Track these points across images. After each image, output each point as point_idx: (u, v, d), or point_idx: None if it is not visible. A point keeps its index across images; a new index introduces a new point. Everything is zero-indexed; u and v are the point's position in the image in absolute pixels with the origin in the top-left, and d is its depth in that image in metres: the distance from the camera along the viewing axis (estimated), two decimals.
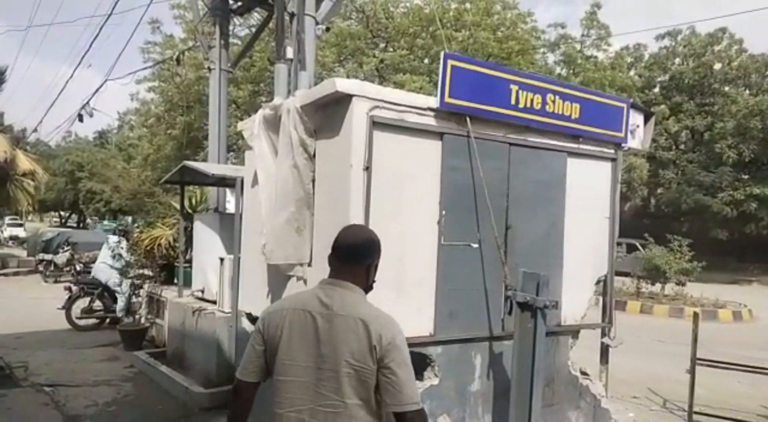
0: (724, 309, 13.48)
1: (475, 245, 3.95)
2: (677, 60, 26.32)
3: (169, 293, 7.52)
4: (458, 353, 3.97)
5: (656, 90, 26.08)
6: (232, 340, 5.47)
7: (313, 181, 3.91)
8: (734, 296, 15.46)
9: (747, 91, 24.23)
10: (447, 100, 3.76)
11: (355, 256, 2.04)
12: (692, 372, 5.74)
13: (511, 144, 4.17)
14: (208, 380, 5.75)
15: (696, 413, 5.71)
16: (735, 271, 22.62)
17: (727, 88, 24.68)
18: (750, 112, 21.96)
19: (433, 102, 3.79)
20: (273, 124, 4.24)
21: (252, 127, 4.47)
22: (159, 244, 8.03)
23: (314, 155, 3.91)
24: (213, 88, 8.67)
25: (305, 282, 3.94)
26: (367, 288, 2.07)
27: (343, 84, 3.48)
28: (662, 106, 23.22)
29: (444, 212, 3.84)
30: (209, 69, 8.68)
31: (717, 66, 24.42)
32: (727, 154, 21.91)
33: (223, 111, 8.55)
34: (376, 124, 3.54)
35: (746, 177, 22.94)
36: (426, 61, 18.32)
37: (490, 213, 3.88)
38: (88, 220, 42.80)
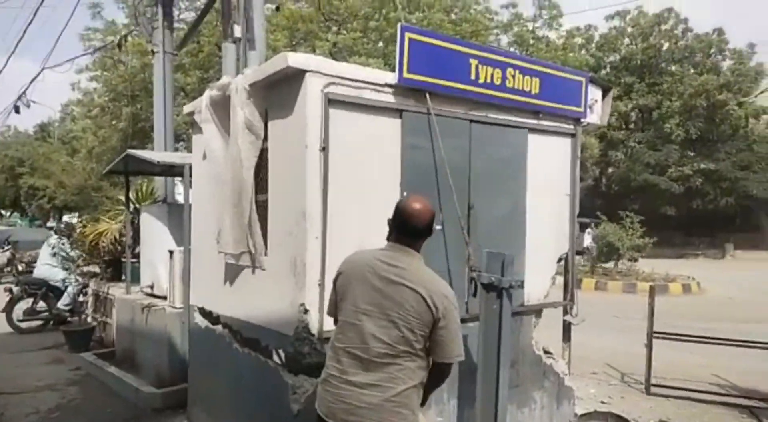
0: (674, 283, 13.94)
1: (438, 226, 3.81)
2: (626, 40, 26.90)
3: (116, 290, 7.14)
4: None
5: (606, 70, 26.59)
6: (184, 336, 5.20)
7: (267, 164, 3.68)
8: (683, 270, 16.03)
9: (692, 70, 25.00)
10: (406, 75, 3.58)
11: (424, 233, 2.42)
12: (649, 345, 5.84)
13: (471, 121, 4.04)
14: (161, 379, 5.47)
15: (653, 385, 5.82)
16: (682, 246, 23.54)
17: (673, 68, 25.41)
18: (696, 91, 22.71)
19: (391, 78, 3.60)
20: (221, 105, 3.98)
21: (199, 109, 4.19)
22: (104, 240, 7.60)
23: (266, 137, 3.67)
24: (157, 72, 8.21)
25: (263, 270, 3.72)
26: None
27: (295, 58, 3.25)
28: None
29: (405, 193, 3.68)
30: (152, 52, 8.22)
31: (665, 46, 25.10)
32: (675, 132, 22.61)
33: (168, 96, 8.12)
34: (332, 102, 3.33)
35: (692, 154, 23.76)
36: (380, 44, 18.11)
37: (452, 193, 3.75)
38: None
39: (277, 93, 3.57)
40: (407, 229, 2.39)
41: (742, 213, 24.16)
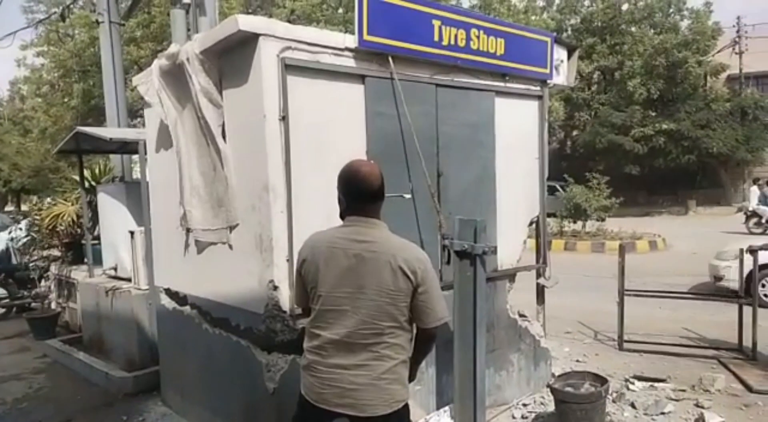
0: (641, 241, 14.24)
1: (408, 195, 3.73)
2: (586, 2, 26.85)
3: (78, 274, 6.89)
4: None
5: (568, 32, 26.56)
6: (152, 318, 5.04)
7: (224, 135, 3.50)
8: (648, 228, 16.41)
9: (652, 31, 25.17)
10: (366, 37, 3.42)
11: (380, 195, 2.25)
12: (621, 302, 5.93)
13: (437, 85, 3.92)
14: (131, 363, 5.32)
15: (626, 341, 5.94)
16: (647, 205, 24.08)
17: (634, 29, 25.53)
18: (655, 51, 22.91)
19: (351, 41, 3.44)
20: (172, 75, 3.76)
21: (149, 81, 3.95)
22: (62, 222, 7.30)
23: (222, 106, 3.48)
24: (104, 44, 7.75)
25: (230, 247, 3.58)
26: None
27: (246, 22, 3.05)
28: None
29: (372, 162, 3.55)
30: (97, 22, 7.75)
31: (625, 6, 25.14)
32: (638, 91, 22.86)
33: (118, 69, 7.70)
34: (289, 68, 3.16)
35: (654, 114, 24.11)
36: (340, 10, 17.62)
37: (421, 161, 3.64)
38: None
39: (230, 60, 3.38)
40: (363, 195, 2.21)
41: (703, 170, 24.79)
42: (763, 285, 8.16)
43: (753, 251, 5.43)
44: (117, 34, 7.85)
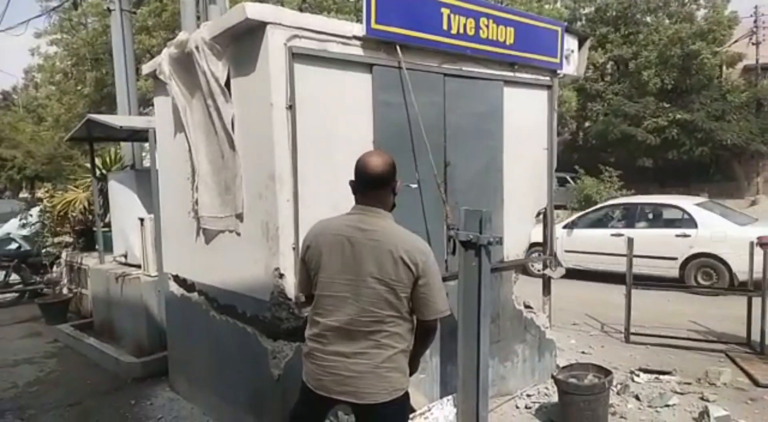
0: None
1: (414, 185, 3.73)
2: None
3: (90, 260, 6.98)
4: None
5: (582, 22, 26.21)
6: (161, 305, 5.10)
7: (232, 123, 3.51)
8: None
9: (667, 21, 24.76)
10: (374, 26, 3.41)
11: (383, 183, 2.26)
12: (628, 294, 5.90)
13: (445, 75, 3.89)
14: (140, 348, 5.40)
15: (632, 333, 5.92)
16: None
17: (649, 19, 25.13)
18: (670, 41, 22.56)
19: (359, 29, 3.42)
20: (182, 63, 3.78)
21: (161, 68, 3.97)
22: (73, 209, 7.38)
23: (230, 94, 3.50)
24: (115, 32, 7.78)
25: (237, 235, 3.61)
26: (391, 207, 2.33)
27: (253, 10, 3.05)
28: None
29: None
30: (108, 9, 7.77)
31: None
32: (651, 81, 22.53)
33: (129, 57, 7.74)
34: (296, 56, 3.16)
35: (668, 105, 23.78)
36: None
37: (428, 151, 3.64)
38: None
39: (238, 48, 3.38)
40: (367, 181, 2.24)
41: (716, 162, 24.43)
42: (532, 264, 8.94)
43: (764, 244, 5.36)
44: (128, 22, 7.88)
